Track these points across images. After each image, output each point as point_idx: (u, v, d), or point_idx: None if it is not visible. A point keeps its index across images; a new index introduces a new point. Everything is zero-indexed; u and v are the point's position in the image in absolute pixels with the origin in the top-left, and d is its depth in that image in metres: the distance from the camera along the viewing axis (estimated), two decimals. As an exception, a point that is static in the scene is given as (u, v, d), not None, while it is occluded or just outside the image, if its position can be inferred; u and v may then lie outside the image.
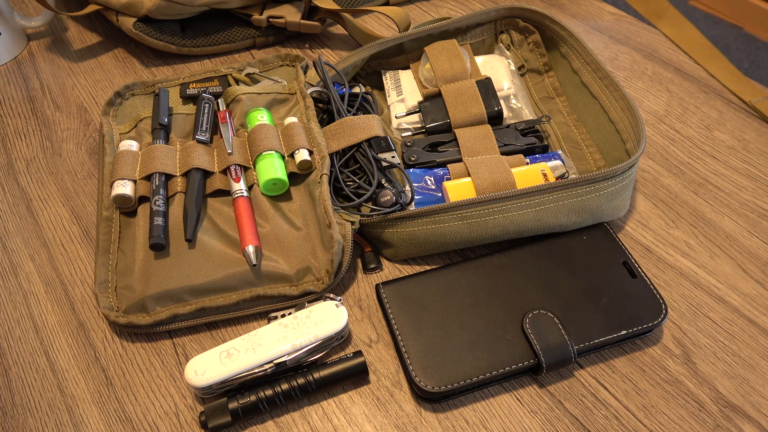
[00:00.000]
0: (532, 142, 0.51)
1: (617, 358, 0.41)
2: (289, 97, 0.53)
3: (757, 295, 0.45)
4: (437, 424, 0.38)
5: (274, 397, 0.38)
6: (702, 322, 0.43)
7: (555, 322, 0.40)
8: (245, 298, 0.42)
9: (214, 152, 0.48)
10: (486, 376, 0.38)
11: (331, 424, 0.39)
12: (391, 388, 0.40)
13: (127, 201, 0.45)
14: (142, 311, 0.41)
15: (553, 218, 0.44)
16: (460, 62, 0.54)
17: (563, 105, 0.56)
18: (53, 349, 0.42)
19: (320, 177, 0.46)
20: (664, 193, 0.52)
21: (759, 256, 0.47)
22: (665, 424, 0.38)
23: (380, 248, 0.47)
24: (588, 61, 0.53)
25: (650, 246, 0.48)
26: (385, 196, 0.45)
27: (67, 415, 0.39)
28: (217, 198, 0.47)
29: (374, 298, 0.45)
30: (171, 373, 0.41)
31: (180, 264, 0.43)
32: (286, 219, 0.46)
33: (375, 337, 0.43)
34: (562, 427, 0.38)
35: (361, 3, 0.68)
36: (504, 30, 0.60)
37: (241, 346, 0.39)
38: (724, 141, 0.56)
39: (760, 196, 0.51)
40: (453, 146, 0.50)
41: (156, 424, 0.38)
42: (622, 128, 0.49)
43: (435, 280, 0.43)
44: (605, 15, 0.71)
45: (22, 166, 0.54)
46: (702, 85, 0.62)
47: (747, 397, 0.40)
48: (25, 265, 0.46)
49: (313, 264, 0.43)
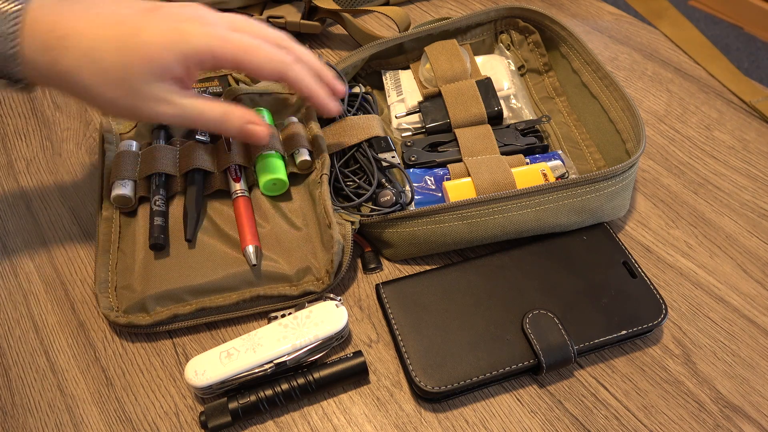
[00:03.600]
0: (532, 142, 0.51)
1: (617, 358, 0.41)
2: (289, 97, 0.53)
3: (757, 295, 0.45)
4: (437, 424, 0.38)
5: (274, 397, 0.38)
6: (702, 322, 0.43)
7: (555, 322, 0.40)
8: (245, 298, 0.42)
9: (214, 152, 0.48)
10: (486, 376, 0.38)
11: (331, 424, 0.39)
12: (391, 388, 0.40)
13: (127, 201, 0.45)
14: (142, 311, 0.41)
15: (553, 218, 0.44)
16: (460, 62, 0.54)
17: (563, 105, 0.56)
18: (53, 349, 0.42)
19: (320, 177, 0.46)
20: (664, 193, 0.52)
21: (759, 256, 0.47)
22: (665, 424, 0.38)
23: (380, 248, 0.47)
24: (588, 61, 0.53)
25: (650, 246, 0.48)
26: (385, 196, 0.45)
27: (67, 415, 0.39)
28: (217, 198, 0.47)
29: (374, 298, 0.45)
30: (171, 373, 0.41)
31: (180, 264, 0.43)
32: (286, 219, 0.46)
33: (375, 337, 0.43)
34: (562, 427, 0.38)
35: (361, 3, 0.68)
36: (504, 30, 0.60)
37: (241, 346, 0.39)
38: (724, 141, 0.56)
39: (760, 196, 0.51)
40: (453, 146, 0.50)
41: (156, 424, 0.38)
42: (622, 128, 0.49)
43: (435, 280, 0.43)
44: (605, 15, 0.71)
45: (22, 166, 0.54)
46: (702, 85, 0.62)
47: (747, 397, 0.40)
48: (25, 265, 0.46)
49: (313, 264, 0.43)
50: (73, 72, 0.37)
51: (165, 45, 0.37)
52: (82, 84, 0.38)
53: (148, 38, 0.37)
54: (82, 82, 0.38)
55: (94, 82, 0.38)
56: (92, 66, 0.37)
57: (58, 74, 0.37)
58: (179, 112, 0.40)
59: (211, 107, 0.41)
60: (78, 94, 0.39)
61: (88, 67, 0.37)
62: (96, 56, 0.37)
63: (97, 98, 0.39)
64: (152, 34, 0.37)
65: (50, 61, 0.37)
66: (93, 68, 0.37)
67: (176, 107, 0.40)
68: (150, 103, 0.39)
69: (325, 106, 0.44)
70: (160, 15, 0.38)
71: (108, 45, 0.37)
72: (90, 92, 0.38)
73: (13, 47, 0.36)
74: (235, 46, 0.39)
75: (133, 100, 0.39)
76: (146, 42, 0.37)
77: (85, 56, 0.37)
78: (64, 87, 0.39)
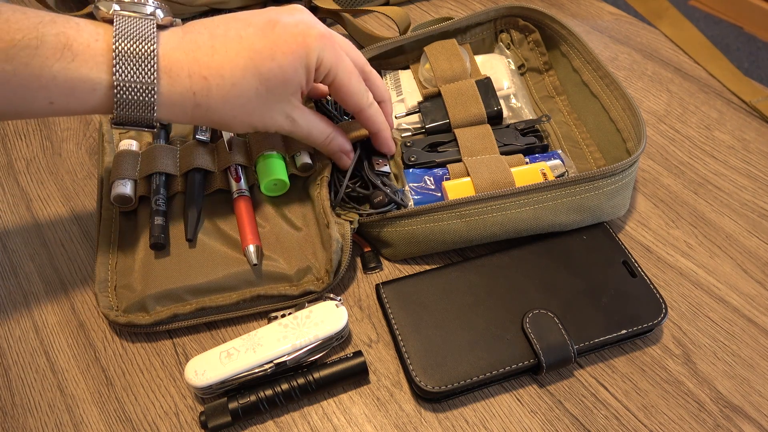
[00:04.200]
0: (532, 141, 0.50)
1: (617, 358, 0.41)
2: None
3: (757, 295, 0.45)
4: (437, 424, 0.38)
5: (274, 397, 0.38)
6: (702, 322, 0.43)
7: (555, 321, 0.40)
8: (245, 297, 0.42)
9: (214, 152, 0.48)
10: (486, 375, 0.38)
11: (331, 424, 0.39)
12: (391, 388, 0.40)
13: (127, 201, 0.45)
14: (141, 311, 0.41)
15: (553, 216, 0.44)
16: (459, 62, 0.54)
17: (563, 104, 0.56)
18: (53, 349, 0.42)
19: (320, 179, 0.46)
20: (664, 193, 0.52)
21: (759, 256, 0.47)
22: (665, 424, 0.38)
23: (380, 248, 0.47)
24: (588, 59, 0.53)
25: (650, 246, 0.48)
26: (378, 197, 0.45)
27: (67, 415, 0.39)
28: (218, 198, 0.47)
29: (374, 298, 0.45)
30: (171, 373, 0.41)
31: (180, 263, 0.43)
32: (286, 219, 0.46)
33: (375, 337, 0.43)
34: (562, 427, 0.38)
35: (361, 3, 0.68)
36: (504, 29, 0.60)
37: (241, 346, 0.39)
38: (724, 141, 0.56)
39: (760, 196, 0.51)
40: (453, 146, 0.50)
41: (156, 424, 0.38)
42: (622, 127, 0.49)
43: (435, 279, 0.43)
44: (605, 15, 0.71)
45: (22, 166, 0.54)
46: (702, 85, 0.62)
47: (747, 397, 0.40)
48: (25, 265, 0.46)
49: (313, 264, 0.43)
50: (218, 109, 0.37)
51: (296, 65, 0.38)
52: (227, 117, 0.38)
53: (282, 60, 0.37)
54: (228, 114, 0.38)
55: (238, 113, 0.38)
56: (237, 100, 0.37)
57: (201, 112, 0.37)
58: (292, 129, 0.42)
59: (320, 131, 0.43)
60: (216, 124, 0.39)
61: (234, 101, 0.37)
62: (240, 91, 0.37)
63: (236, 125, 0.39)
64: (284, 54, 0.37)
65: (193, 105, 0.37)
66: (238, 102, 0.37)
67: (293, 124, 0.41)
68: (278, 119, 0.40)
69: (388, 143, 0.46)
70: (281, 30, 0.38)
71: (248, 76, 0.37)
72: (232, 122, 0.39)
73: (152, 95, 0.35)
74: (346, 69, 0.40)
75: (268, 121, 0.40)
76: (281, 65, 0.37)
77: (229, 93, 0.37)
78: (201, 120, 0.39)
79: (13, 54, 0.32)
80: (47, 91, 0.34)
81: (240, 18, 0.38)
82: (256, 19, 0.38)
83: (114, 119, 0.36)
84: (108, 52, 0.34)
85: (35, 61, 0.32)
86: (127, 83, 0.34)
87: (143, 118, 0.36)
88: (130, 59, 0.34)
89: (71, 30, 0.34)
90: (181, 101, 0.36)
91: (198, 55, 0.36)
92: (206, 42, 0.37)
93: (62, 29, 0.33)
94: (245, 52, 0.37)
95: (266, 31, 0.37)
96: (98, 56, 0.34)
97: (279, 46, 0.37)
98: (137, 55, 0.34)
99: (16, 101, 0.34)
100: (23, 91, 0.33)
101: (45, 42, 0.33)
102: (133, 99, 0.35)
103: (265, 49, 0.37)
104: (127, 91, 0.35)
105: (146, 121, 0.36)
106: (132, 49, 0.34)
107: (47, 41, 0.33)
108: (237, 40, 0.37)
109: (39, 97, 0.34)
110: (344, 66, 0.40)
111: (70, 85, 0.34)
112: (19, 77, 0.33)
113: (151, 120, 0.36)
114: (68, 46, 0.33)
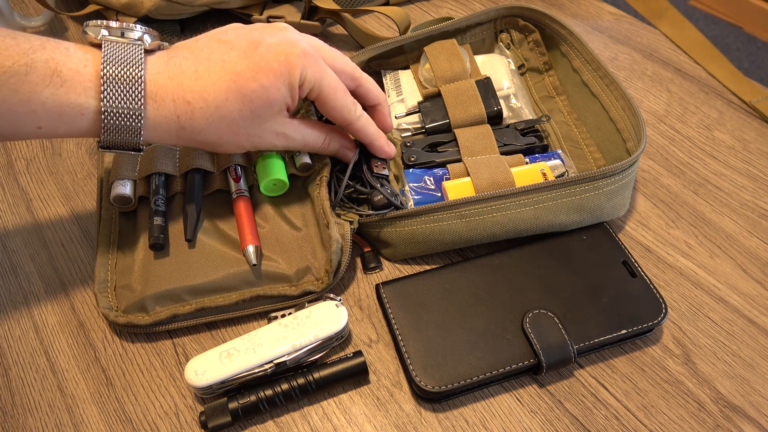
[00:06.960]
0: (532, 141, 0.50)
1: (617, 358, 0.41)
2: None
3: (757, 295, 0.45)
4: (437, 424, 0.38)
5: (274, 397, 0.38)
6: (702, 322, 0.43)
7: (555, 321, 0.40)
8: (245, 298, 0.42)
9: (214, 152, 0.48)
10: (486, 375, 0.38)
11: (331, 424, 0.39)
12: (391, 388, 0.40)
13: (127, 201, 0.45)
14: (141, 311, 0.41)
15: (553, 216, 0.44)
16: (459, 62, 0.54)
17: (563, 104, 0.56)
18: (53, 349, 0.42)
19: (319, 179, 0.46)
20: (664, 193, 0.52)
21: (759, 256, 0.47)
22: (665, 424, 0.38)
23: (380, 248, 0.47)
24: (588, 59, 0.53)
25: (650, 246, 0.48)
26: (377, 196, 0.45)
27: (67, 415, 0.39)
28: (217, 198, 0.47)
29: (374, 298, 0.45)
30: (171, 373, 0.41)
31: (180, 264, 0.43)
32: (286, 219, 0.46)
33: (375, 337, 0.43)
34: (562, 427, 0.38)
35: (361, 3, 0.68)
36: (504, 29, 0.60)
37: (241, 346, 0.39)
38: (724, 141, 0.56)
39: (760, 196, 0.51)
40: (452, 146, 0.50)
41: (156, 424, 0.38)
42: (622, 127, 0.49)
43: (435, 279, 0.43)
44: (605, 15, 0.71)
45: (22, 166, 0.54)
46: (702, 85, 0.62)
47: (747, 397, 0.40)
48: (25, 265, 0.46)
49: (312, 264, 0.43)
50: (203, 131, 0.38)
51: (278, 84, 0.38)
52: (213, 138, 0.39)
53: (265, 81, 0.37)
54: (213, 135, 0.39)
55: (224, 134, 0.39)
56: (222, 122, 0.38)
57: (186, 134, 0.38)
58: (287, 144, 0.42)
59: (315, 138, 0.44)
60: (204, 145, 0.40)
61: (218, 123, 0.38)
62: (223, 113, 0.38)
63: (225, 146, 0.40)
64: (266, 74, 0.38)
65: (177, 127, 0.37)
66: (222, 123, 0.38)
67: (287, 140, 0.42)
68: (268, 138, 0.41)
69: (383, 149, 0.46)
70: (263, 50, 0.38)
71: (230, 98, 0.37)
72: (219, 142, 0.39)
73: (139, 120, 0.36)
74: (330, 85, 0.40)
75: (257, 140, 0.40)
76: (264, 85, 0.38)
77: (213, 115, 0.37)
78: (188, 142, 0.39)
79: (3, 81, 0.32)
80: (36, 116, 0.34)
81: (224, 40, 0.39)
82: (240, 41, 0.38)
83: (101, 143, 0.37)
84: (96, 78, 0.35)
85: (24, 87, 0.33)
86: (115, 109, 0.35)
87: (129, 142, 0.37)
88: (118, 85, 0.35)
89: (60, 55, 0.34)
90: (167, 124, 0.37)
91: (182, 79, 0.37)
92: (190, 67, 0.37)
93: (51, 55, 0.34)
94: (228, 75, 0.37)
95: (248, 52, 0.38)
96: (86, 82, 0.35)
97: (261, 67, 0.37)
98: (124, 81, 0.35)
99: (4, 126, 0.34)
100: (12, 116, 0.34)
101: (35, 69, 0.33)
102: (120, 124, 0.36)
103: (247, 70, 0.37)
104: (115, 116, 0.35)
105: (132, 145, 0.37)
106: (119, 75, 0.35)
107: (37, 68, 0.33)
108: (220, 64, 0.37)
109: (27, 122, 0.34)
110: (328, 82, 0.40)
111: (58, 111, 0.34)
112: (8, 103, 0.33)
113: (137, 144, 0.37)
114: (57, 72, 0.34)
